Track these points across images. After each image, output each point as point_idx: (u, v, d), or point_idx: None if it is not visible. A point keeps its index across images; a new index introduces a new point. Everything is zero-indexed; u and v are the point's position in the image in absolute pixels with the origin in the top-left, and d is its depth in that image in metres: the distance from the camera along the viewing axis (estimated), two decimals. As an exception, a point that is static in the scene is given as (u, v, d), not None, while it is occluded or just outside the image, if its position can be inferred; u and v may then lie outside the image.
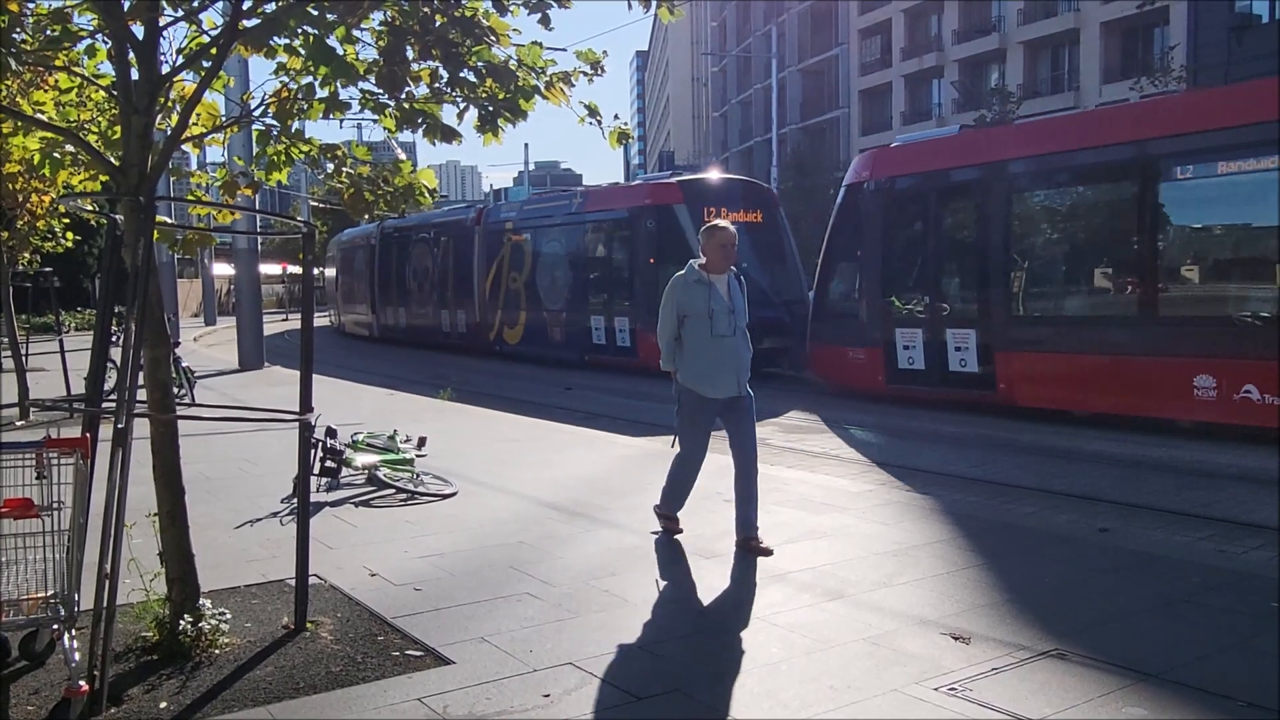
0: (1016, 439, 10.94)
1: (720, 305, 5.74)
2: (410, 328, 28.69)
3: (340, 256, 36.13)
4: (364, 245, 32.14)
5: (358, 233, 33.87)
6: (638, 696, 3.72)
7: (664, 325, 5.87)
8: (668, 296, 5.86)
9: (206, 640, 4.12)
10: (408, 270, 28.82)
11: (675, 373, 5.88)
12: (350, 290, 34.66)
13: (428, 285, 27.42)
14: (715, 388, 5.73)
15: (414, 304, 28.30)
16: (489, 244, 24.03)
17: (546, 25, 4.61)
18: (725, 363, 5.71)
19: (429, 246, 27.73)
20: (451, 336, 26.13)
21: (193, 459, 8.56)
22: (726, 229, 5.84)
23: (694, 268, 5.85)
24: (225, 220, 6.02)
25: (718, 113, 73.18)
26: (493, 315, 23.80)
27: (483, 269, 24.19)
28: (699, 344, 5.73)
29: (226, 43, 4.01)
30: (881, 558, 5.58)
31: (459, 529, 6.37)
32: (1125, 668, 3.90)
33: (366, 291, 32.08)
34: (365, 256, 32.05)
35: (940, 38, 47.29)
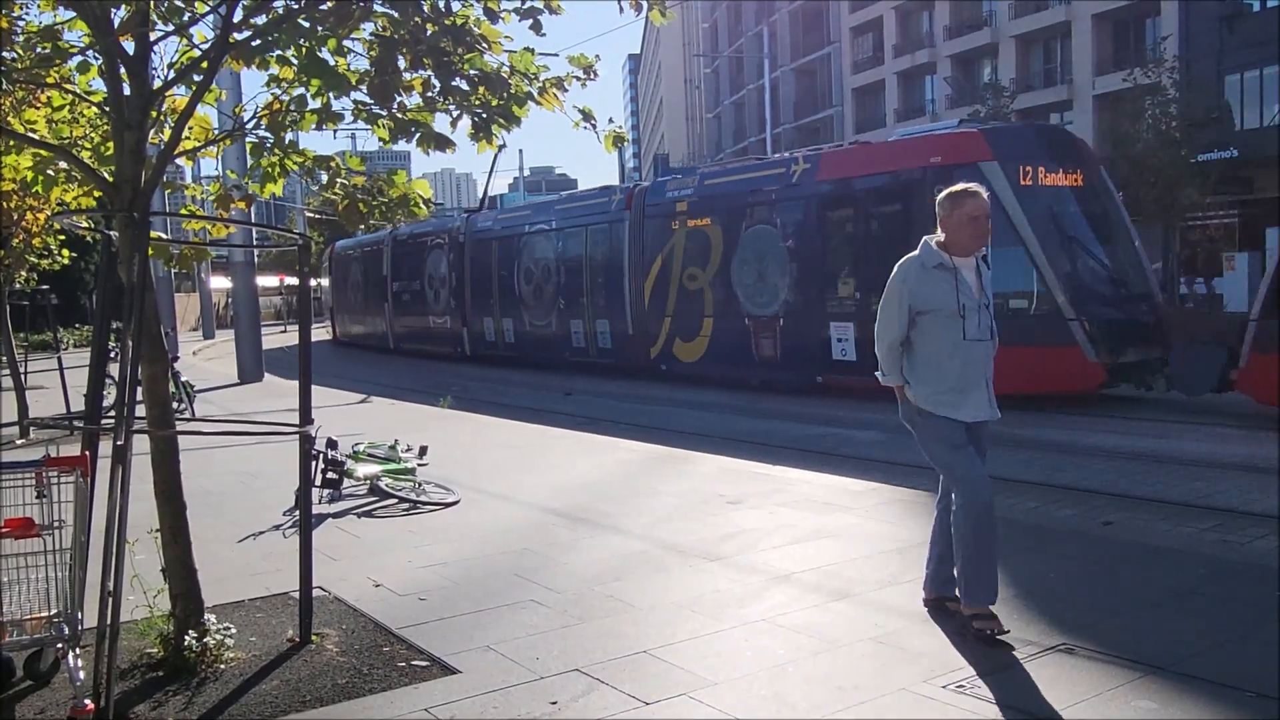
0: (1017, 435, 10.93)
1: (970, 299, 4.39)
2: (519, 342, 23.11)
3: (395, 256, 29.84)
4: (442, 244, 26.64)
5: (408, 233, 29.02)
6: (645, 701, 3.71)
7: (888, 324, 4.50)
8: (896, 287, 4.48)
9: (211, 655, 4.11)
10: (512, 274, 23.11)
11: (902, 389, 4.56)
12: (404, 297, 28.85)
13: (544, 291, 21.95)
14: (965, 408, 4.42)
15: (527, 314, 22.70)
16: (649, 233, 18.71)
17: (538, 31, 4.60)
18: (977, 376, 4.42)
19: (549, 242, 21.99)
20: (586, 353, 20.74)
21: (194, 473, 8.55)
22: (978, 196, 4.41)
23: (931, 248, 4.45)
24: (220, 234, 6.01)
25: (711, 114, 73.21)
26: (656, 325, 18.49)
27: (639, 266, 18.91)
28: (943, 351, 4.39)
29: (217, 56, 4.01)
30: (886, 556, 5.57)
31: (462, 537, 6.35)
32: (1133, 661, 3.89)
33: (449, 299, 26.10)
34: (450, 257, 26.15)
35: (932, 34, 47.30)
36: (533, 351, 22.65)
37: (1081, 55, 39.15)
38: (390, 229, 29.48)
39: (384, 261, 29.87)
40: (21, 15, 4.62)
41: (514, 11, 4.43)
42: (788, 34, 58.07)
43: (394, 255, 29.24)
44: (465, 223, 25.71)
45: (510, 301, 23.22)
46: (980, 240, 4.44)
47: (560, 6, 4.54)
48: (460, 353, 25.68)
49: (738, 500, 7.11)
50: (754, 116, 59.73)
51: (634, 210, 19.24)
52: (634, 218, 19.24)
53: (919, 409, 4.50)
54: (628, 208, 19.39)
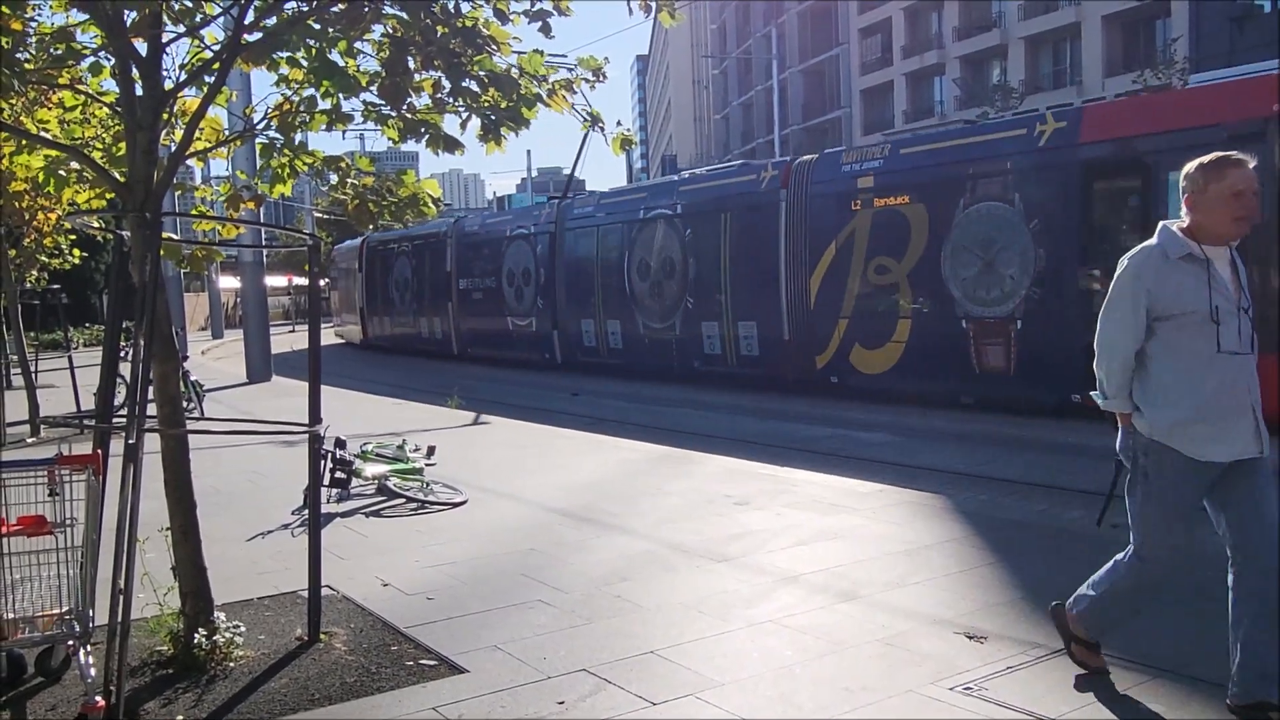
0: (1025, 436, 10.92)
1: (1227, 300, 3.45)
2: (628, 348, 19.23)
3: (463, 250, 25.35)
4: (526, 235, 22.62)
5: (481, 224, 25.82)
6: (652, 702, 3.72)
7: (1119, 333, 3.56)
8: (1127, 284, 3.54)
9: (221, 653, 4.13)
10: (621, 268, 19.25)
11: (1129, 417, 3.65)
12: (474, 296, 24.52)
13: (665, 289, 18.11)
14: (1221, 442, 3.46)
15: (640, 315, 18.78)
16: (815, 216, 14.96)
17: (547, 33, 4.61)
18: (1238, 400, 3.44)
19: (672, 230, 18.03)
20: (722, 361, 16.85)
21: (203, 472, 8.60)
22: (1244, 166, 3.45)
23: (1175, 234, 3.52)
24: (231, 234, 6.03)
25: (719, 115, 73.22)
26: (825, 328, 14.78)
27: (800, 256, 15.18)
28: (1191, 367, 3.46)
29: (229, 58, 4.03)
30: (894, 558, 5.57)
31: (469, 537, 6.37)
32: (1140, 663, 3.89)
33: (535, 298, 22.17)
34: (538, 250, 22.04)
35: (941, 35, 47.27)
36: (645, 359, 18.79)
37: (1091, 56, 39.08)
38: (455, 220, 26.78)
39: (447, 256, 25.66)
40: (34, 16, 4.65)
41: (523, 14, 4.45)
42: (796, 35, 58.06)
43: (461, 249, 25.23)
44: (557, 210, 21.68)
45: (618, 301, 19.29)
46: (1244, 225, 3.46)
47: (569, 8, 4.56)
48: (548, 360, 21.61)
49: (744, 501, 7.12)
50: (762, 117, 59.75)
51: (793, 189, 15.36)
52: (793, 198, 15.37)
53: (1151, 441, 3.54)
54: (784, 185, 15.47)
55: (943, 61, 46.93)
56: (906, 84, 49.75)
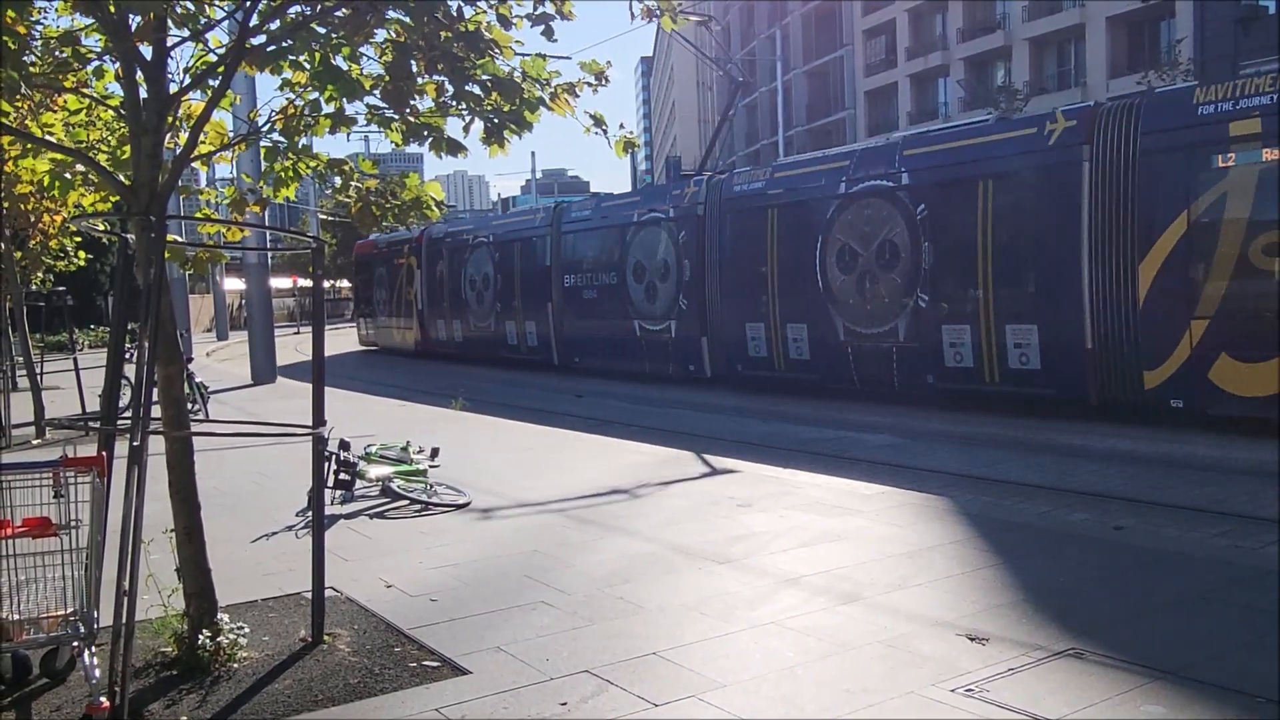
0: (1028, 438, 10.91)
1: None
2: (818, 359, 15.04)
3: (569, 241, 21.39)
4: (663, 220, 18.46)
5: (593, 210, 21.23)
6: (654, 703, 3.73)
7: None
8: None
9: (225, 654, 4.15)
10: (812, 258, 14.98)
11: None
12: (585, 295, 20.60)
13: (882, 283, 14.06)
14: None
15: (840, 317, 14.67)
16: (1148, 179, 11.04)
17: (549, 37, 4.63)
18: None
19: (893, 208, 13.88)
20: (977, 377, 12.79)
21: (207, 474, 8.62)
22: None
23: None
24: (235, 237, 6.06)
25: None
26: (1166, 331, 10.81)
27: (1118, 236, 11.27)
28: None
29: (233, 62, 4.05)
30: (896, 560, 5.58)
31: (473, 539, 6.39)
32: (1142, 666, 3.89)
33: (676, 296, 17.98)
34: (681, 238, 17.78)
35: (945, 36, 47.20)
36: (846, 373, 14.63)
37: (1095, 58, 39.00)
38: (556, 205, 22.77)
39: (547, 247, 21.79)
40: (40, 20, 4.68)
41: (526, 17, 4.46)
42: (800, 37, 58.04)
43: (566, 238, 21.26)
44: (707, 188, 17.38)
45: (804, 299, 15.18)
46: None
47: (572, 12, 4.58)
48: (692, 372, 17.67)
49: (748, 503, 7.13)
50: (766, 119, 59.71)
51: (1103, 143, 11.52)
52: (1104, 155, 11.51)
53: None
54: (1087, 140, 11.66)
55: (947, 63, 46.86)
56: (911, 86, 49.68)
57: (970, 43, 45.46)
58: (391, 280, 29.48)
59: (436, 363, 26.01)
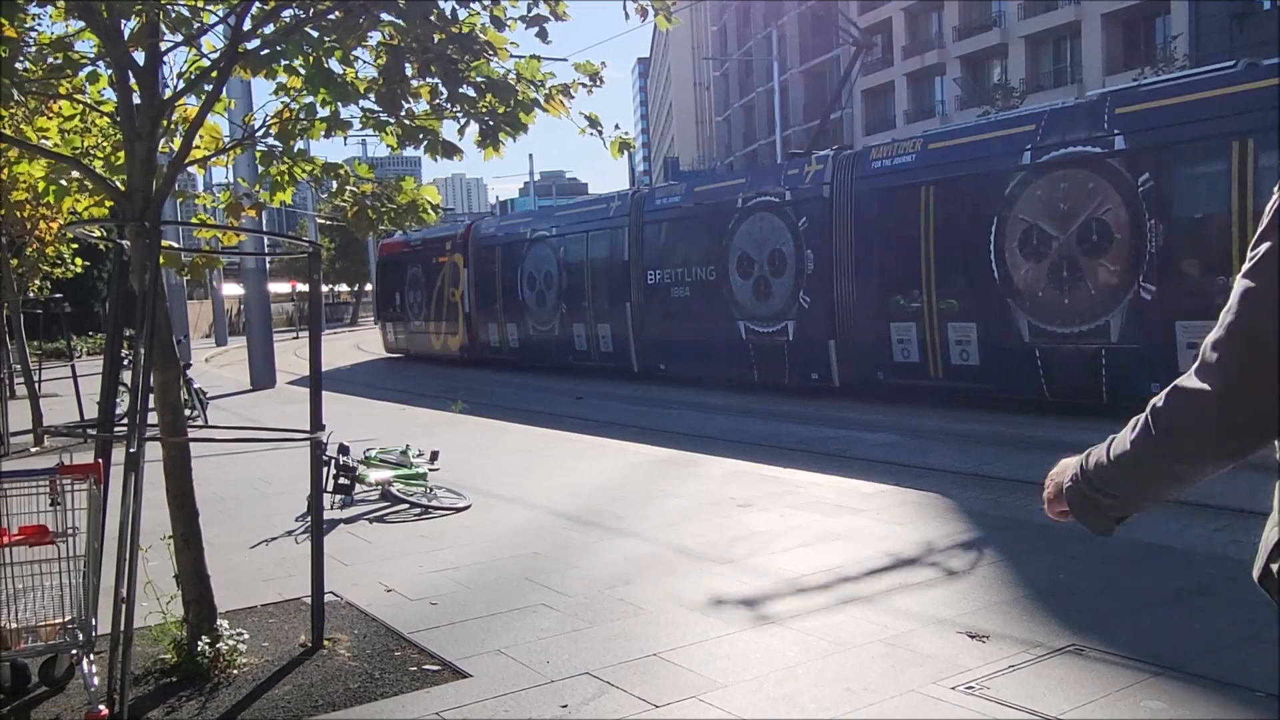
0: (1030, 435, 10.91)
1: None
2: (993, 364, 12.77)
3: (652, 232, 18.82)
4: (777, 205, 15.75)
5: (685, 196, 18.18)
6: (655, 704, 3.72)
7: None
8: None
9: (224, 660, 4.14)
10: (981, 246, 12.72)
11: None
12: (674, 294, 18.03)
13: (1083, 273, 11.71)
14: None
15: (1025, 313, 12.37)
16: None
17: (544, 39, 4.62)
18: None
19: (1114, 176, 11.34)
20: None
21: (207, 480, 8.61)
22: None
23: None
24: (231, 242, 6.05)
25: (720, 117, 73.24)
26: None
27: None
28: None
29: (226, 66, 4.05)
30: (897, 558, 5.57)
31: (473, 542, 6.38)
32: (1142, 661, 3.89)
33: (792, 293, 15.41)
34: (804, 227, 15.12)
35: (941, 35, 47.24)
36: (1022, 377, 12.36)
37: (1091, 55, 39.04)
38: (635, 191, 20.19)
39: (624, 240, 19.17)
40: (34, 26, 4.67)
41: (520, 19, 4.46)
42: (796, 36, 58.06)
43: (649, 231, 18.68)
44: (833, 167, 14.75)
45: (972, 291, 12.91)
46: None
47: (567, 13, 4.57)
48: (816, 380, 14.93)
49: (748, 503, 7.12)
50: (763, 119, 59.77)
51: None
52: None
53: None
54: None
55: (943, 61, 46.89)
56: (907, 84, 49.72)
57: (966, 41, 45.51)
58: (429, 280, 26.58)
59: (486, 370, 23.50)
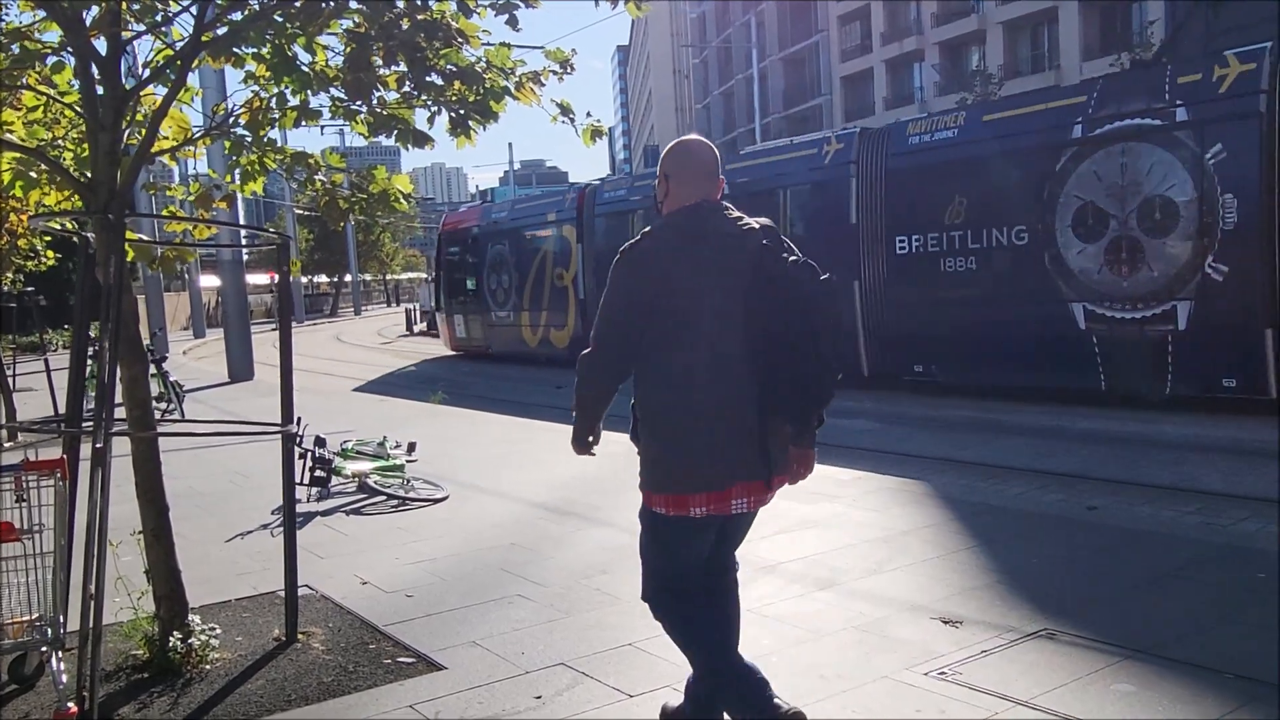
0: (1005, 420, 10.97)
1: None
2: None
3: (902, 182, 13.67)
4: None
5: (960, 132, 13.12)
6: (629, 694, 3.73)
7: None
8: None
9: (196, 656, 4.11)
10: None
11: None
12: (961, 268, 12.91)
13: None
14: None
15: None
16: None
17: (514, 26, 4.58)
18: None
19: None
20: None
21: (183, 473, 8.55)
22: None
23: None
24: (203, 234, 5.98)
25: (700, 104, 73.10)
26: None
27: None
28: None
29: (190, 54, 3.99)
30: (872, 545, 5.59)
31: (450, 533, 6.36)
32: (1113, 645, 3.91)
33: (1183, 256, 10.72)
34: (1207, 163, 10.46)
35: (919, 21, 47.25)
36: None
37: (1069, 41, 39.17)
38: (859, 130, 14.75)
39: (850, 196, 14.09)
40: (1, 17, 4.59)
41: (490, 6, 4.41)
42: (775, 23, 57.99)
43: (894, 180, 13.62)
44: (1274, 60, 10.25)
45: None
46: None
47: (537, 0, 4.53)
48: (1231, 388, 10.47)
49: (725, 491, 7.11)
50: (743, 106, 59.69)
51: None
52: None
53: None
54: None
55: (921, 48, 46.94)
56: (886, 71, 49.76)
57: (944, 27, 45.56)
58: (520, 261, 21.90)
59: None
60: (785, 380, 2.95)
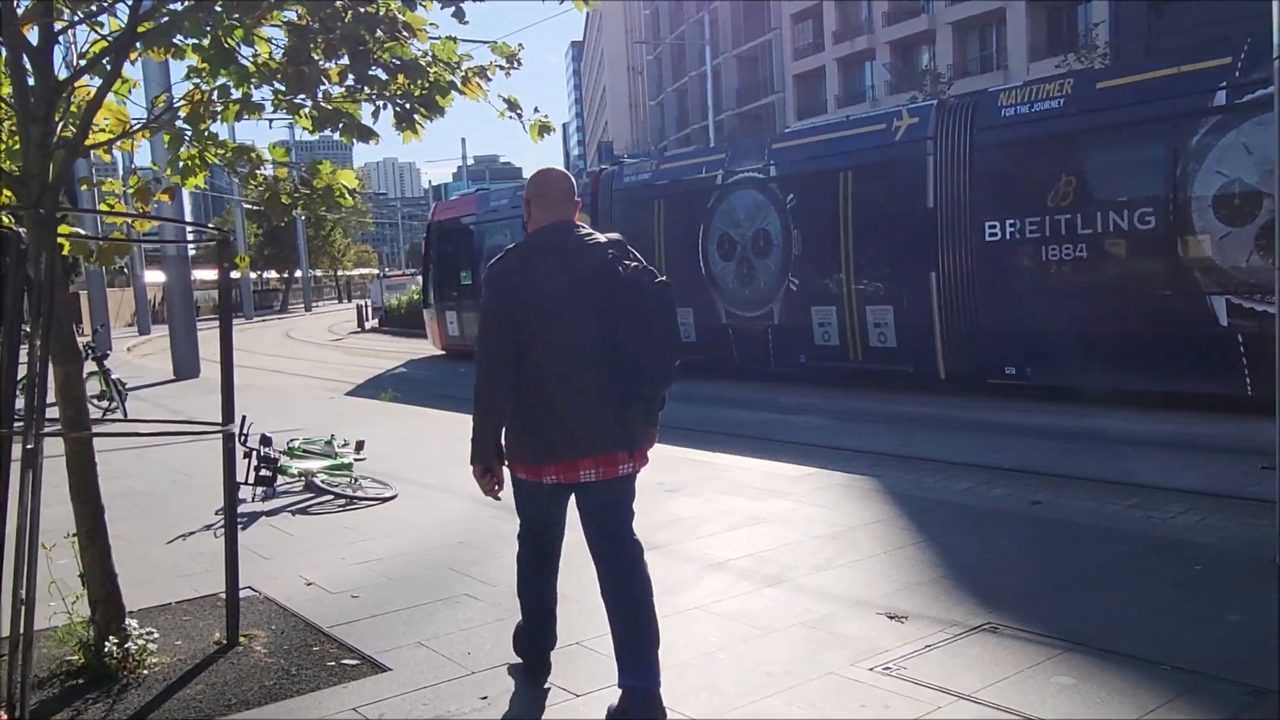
0: (951, 416, 11.11)
1: None
2: None
3: None
4: None
5: None
6: (576, 693, 3.71)
7: None
8: None
9: (133, 661, 4.02)
10: None
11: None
12: None
13: None
14: None
15: None
16: None
17: (461, 19, 4.53)
18: None
19: None
20: None
21: (124, 474, 8.37)
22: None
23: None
24: (143, 229, 5.85)
25: (654, 101, 73.13)
26: None
27: None
28: None
29: (125, 45, 3.89)
30: (821, 541, 5.63)
31: (399, 532, 6.29)
32: (1055, 638, 3.98)
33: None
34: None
35: (871, 20, 47.68)
36: None
37: (1016, 42, 39.77)
38: (932, 99, 13.96)
39: (924, 177, 12.68)
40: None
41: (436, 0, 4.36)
42: (729, 21, 58.18)
43: (987, 156, 12.15)
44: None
45: None
46: None
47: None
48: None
49: (676, 488, 7.13)
50: (696, 103, 59.82)
51: None
52: None
53: None
54: None
55: (873, 47, 47.37)
56: (838, 69, 50.14)
57: (895, 26, 46.02)
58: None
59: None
60: (631, 368, 3.43)
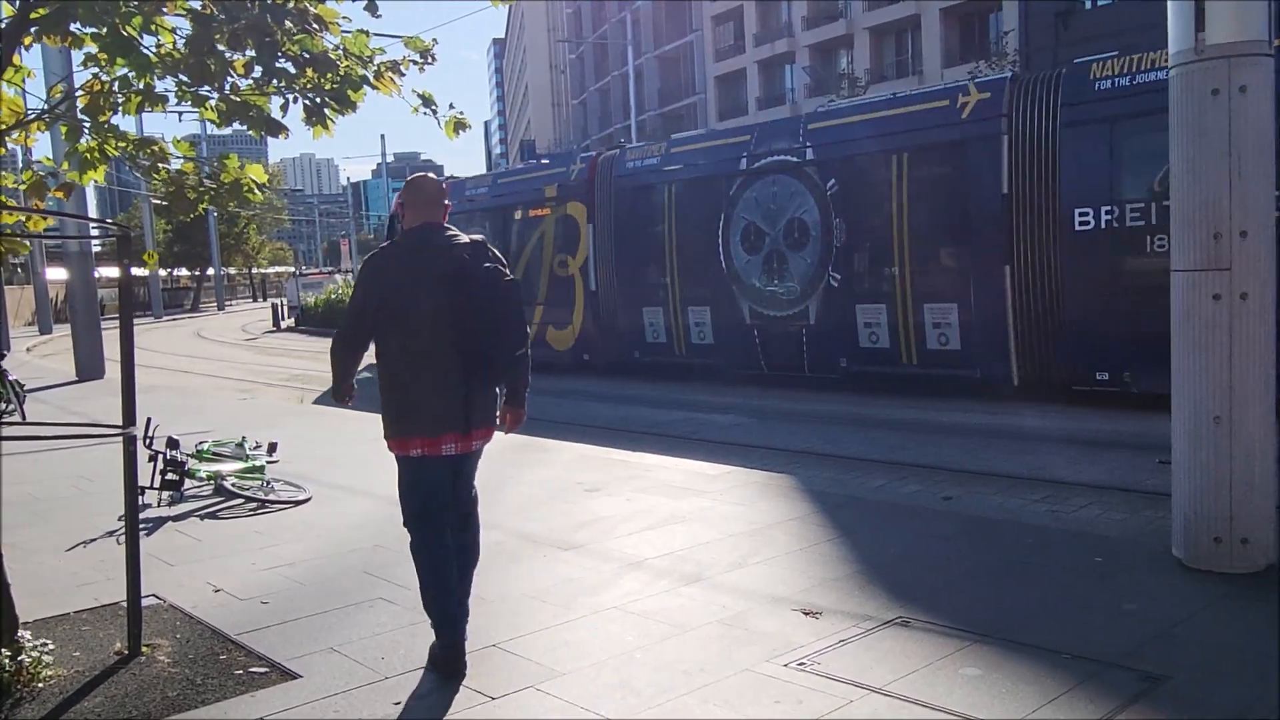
0: (866, 414, 11.31)
1: None
2: None
3: None
4: None
5: None
6: (491, 696, 3.67)
7: None
8: None
9: (27, 674, 3.86)
10: None
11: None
12: None
13: None
14: None
15: None
16: None
17: (374, 12, 4.45)
18: None
19: None
20: None
21: (21, 479, 8.05)
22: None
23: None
24: (39, 227, 5.62)
25: (577, 100, 72.98)
26: None
27: None
28: None
29: (16, 32, 3.73)
30: (738, 538, 5.67)
31: (312, 536, 6.16)
32: (963, 630, 4.07)
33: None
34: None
35: (791, 24, 48.30)
36: None
37: (931, 48, 40.70)
38: (1010, 76, 11.60)
39: (996, 160, 11.28)
40: None
41: (346, -9, 4.28)
42: (651, 21, 58.35)
43: (1076, 135, 10.64)
44: None
45: None
46: None
47: (397, -12, 4.42)
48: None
49: (596, 488, 7.12)
50: (619, 103, 59.84)
51: None
52: None
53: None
54: None
55: (793, 50, 48.00)
56: (759, 71, 50.68)
57: (814, 30, 46.70)
58: (507, 247, 17.00)
59: (640, 381, 15.41)
60: (479, 358, 3.88)
